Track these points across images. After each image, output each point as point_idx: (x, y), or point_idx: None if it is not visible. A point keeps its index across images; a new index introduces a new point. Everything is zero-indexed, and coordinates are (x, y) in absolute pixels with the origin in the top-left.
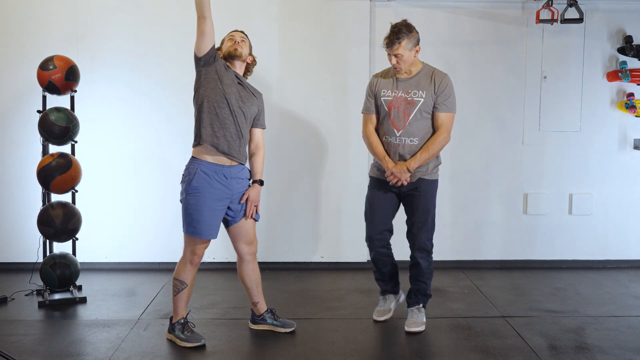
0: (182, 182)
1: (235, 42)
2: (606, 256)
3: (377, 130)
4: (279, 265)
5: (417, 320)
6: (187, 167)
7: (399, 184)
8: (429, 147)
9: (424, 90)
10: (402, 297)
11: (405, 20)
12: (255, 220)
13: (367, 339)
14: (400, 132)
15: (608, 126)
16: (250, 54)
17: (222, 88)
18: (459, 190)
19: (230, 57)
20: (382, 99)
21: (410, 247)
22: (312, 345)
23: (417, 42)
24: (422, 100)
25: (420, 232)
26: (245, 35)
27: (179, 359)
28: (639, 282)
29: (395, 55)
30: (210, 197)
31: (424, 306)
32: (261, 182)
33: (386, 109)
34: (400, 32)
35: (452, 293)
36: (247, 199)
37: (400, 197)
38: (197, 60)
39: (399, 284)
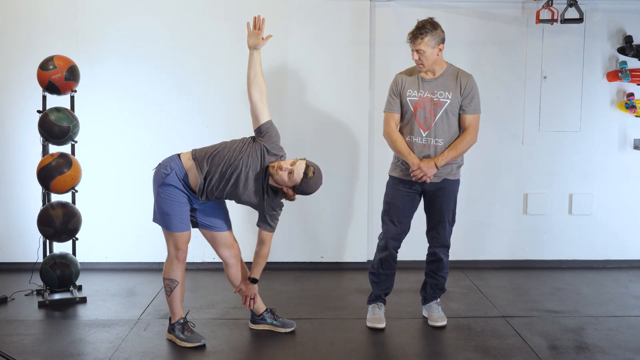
0: (157, 170)
1: (282, 167)
2: (606, 256)
3: (400, 129)
4: (279, 265)
5: (440, 315)
6: (168, 160)
7: (424, 179)
8: (457, 146)
9: (449, 91)
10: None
11: (431, 18)
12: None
13: (367, 339)
14: (426, 132)
15: (608, 126)
16: (296, 188)
17: (239, 154)
18: (459, 190)
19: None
20: (407, 98)
21: (432, 244)
22: (312, 345)
23: (442, 41)
24: (449, 101)
25: (445, 230)
26: (311, 170)
27: (179, 359)
28: (639, 282)
29: (417, 51)
30: (179, 196)
31: (439, 300)
32: (253, 281)
33: (412, 109)
34: (425, 27)
35: (452, 293)
36: (240, 290)
37: (423, 197)
38: None
39: (391, 290)
